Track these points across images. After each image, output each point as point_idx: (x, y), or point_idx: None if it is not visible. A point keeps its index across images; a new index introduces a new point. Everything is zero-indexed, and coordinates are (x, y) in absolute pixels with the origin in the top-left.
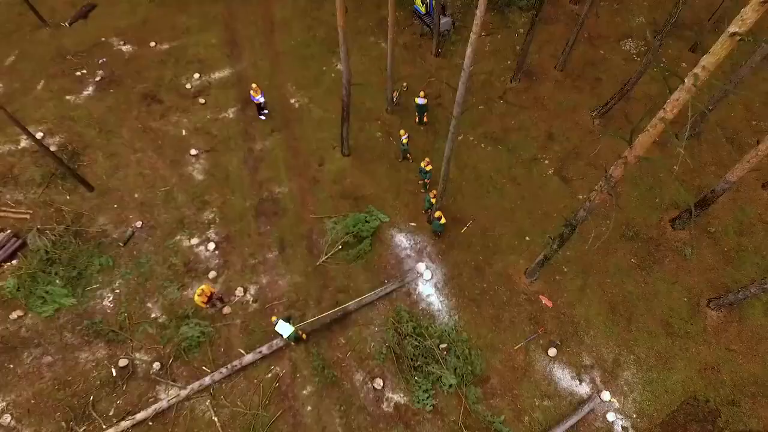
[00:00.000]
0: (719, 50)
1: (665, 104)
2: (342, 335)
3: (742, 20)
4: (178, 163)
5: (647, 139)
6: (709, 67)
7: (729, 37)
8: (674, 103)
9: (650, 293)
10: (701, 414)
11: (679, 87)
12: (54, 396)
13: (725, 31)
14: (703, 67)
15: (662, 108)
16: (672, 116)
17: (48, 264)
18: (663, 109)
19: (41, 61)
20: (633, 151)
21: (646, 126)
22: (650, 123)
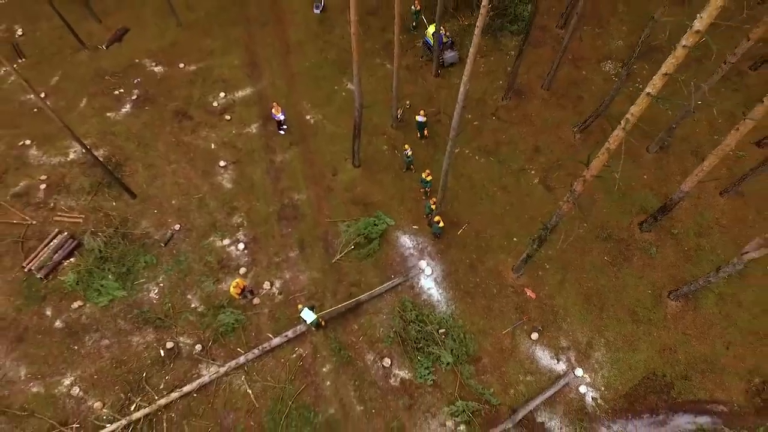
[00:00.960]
0: (640, 106)
1: (609, 138)
2: (355, 322)
3: (653, 85)
4: (208, 173)
5: (598, 164)
6: (636, 115)
7: (646, 96)
8: (615, 137)
9: (620, 286)
10: (658, 387)
11: (617, 127)
12: (113, 372)
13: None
14: (632, 114)
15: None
16: (614, 148)
17: (101, 261)
18: (607, 142)
19: (82, 81)
20: (590, 171)
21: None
22: (600, 151)
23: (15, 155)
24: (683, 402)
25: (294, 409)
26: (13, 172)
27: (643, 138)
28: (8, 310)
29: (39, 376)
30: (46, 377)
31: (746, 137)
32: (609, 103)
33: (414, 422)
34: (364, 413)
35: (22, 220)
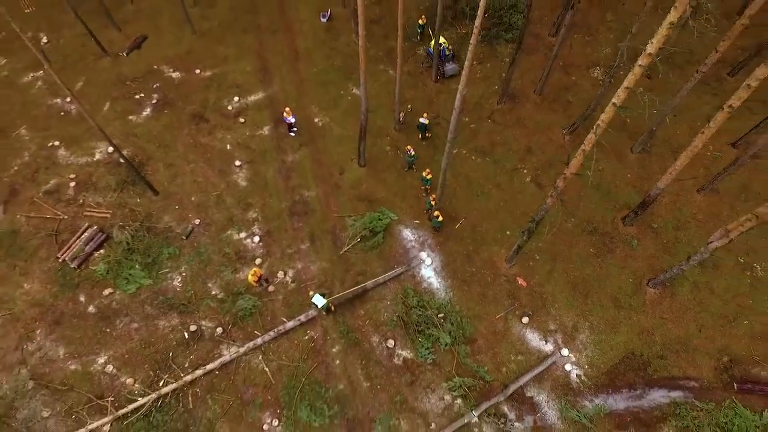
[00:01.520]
0: (608, 114)
1: (584, 140)
2: (362, 308)
3: (618, 96)
4: (225, 172)
5: (576, 163)
6: (605, 121)
7: (611, 106)
8: (589, 140)
9: (603, 275)
10: (636, 365)
11: (591, 132)
12: (142, 352)
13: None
14: (602, 121)
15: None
16: (588, 149)
17: (129, 253)
18: (583, 144)
19: (105, 86)
20: (569, 170)
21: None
22: (576, 152)
23: (45, 155)
24: (658, 378)
25: (307, 385)
26: (44, 171)
27: (628, 140)
28: (46, 297)
29: (76, 355)
30: (82, 356)
31: (724, 139)
32: (595, 107)
33: (415, 396)
34: (371, 389)
35: (54, 215)
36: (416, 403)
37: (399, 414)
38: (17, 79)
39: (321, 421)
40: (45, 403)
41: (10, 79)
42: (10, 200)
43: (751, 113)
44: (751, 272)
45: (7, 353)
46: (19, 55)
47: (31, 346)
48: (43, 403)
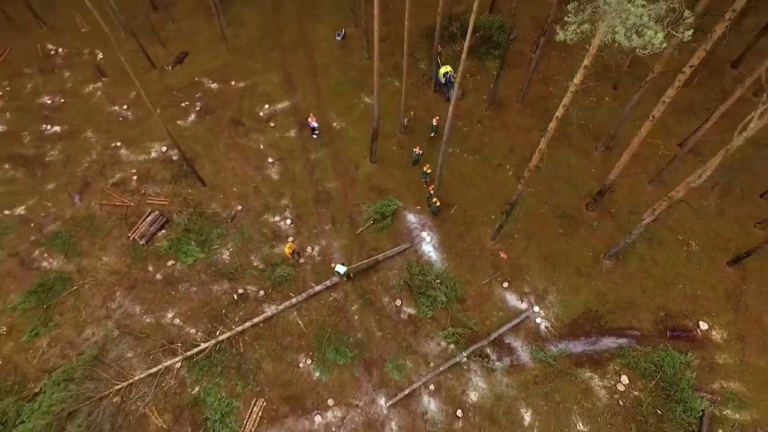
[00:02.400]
0: (554, 124)
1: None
2: (374, 275)
3: (560, 112)
4: (260, 167)
5: (535, 159)
6: (553, 129)
7: (555, 119)
8: (543, 142)
9: (569, 250)
10: (592, 319)
11: (542, 137)
12: (201, 310)
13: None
14: (550, 128)
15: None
16: (544, 148)
17: (186, 232)
18: (539, 145)
19: (155, 95)
20: (532, 163)
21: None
22: (534, 152)
23: (109, 154)
24: (609, 329)
25: (332, 334)
26: (110, 167)
27: (594, 141)
28: (122, 267)
29: (149, 311)
30: (155, 312)
31: (673, 141)
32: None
33: (417, 342)
34: (383, 337)
35: (122, 203)
36: (418, 348)
37: (405, 356)
38: (80, 90)
39: (344, 361)
40: (129, 347)
41: (75, 89)
42: (84, 191)
43: (697, 119)
44: (687, 247)
45: (95, 310)
46: (80, 69)
47: (113, 305)
48: (128, 346)
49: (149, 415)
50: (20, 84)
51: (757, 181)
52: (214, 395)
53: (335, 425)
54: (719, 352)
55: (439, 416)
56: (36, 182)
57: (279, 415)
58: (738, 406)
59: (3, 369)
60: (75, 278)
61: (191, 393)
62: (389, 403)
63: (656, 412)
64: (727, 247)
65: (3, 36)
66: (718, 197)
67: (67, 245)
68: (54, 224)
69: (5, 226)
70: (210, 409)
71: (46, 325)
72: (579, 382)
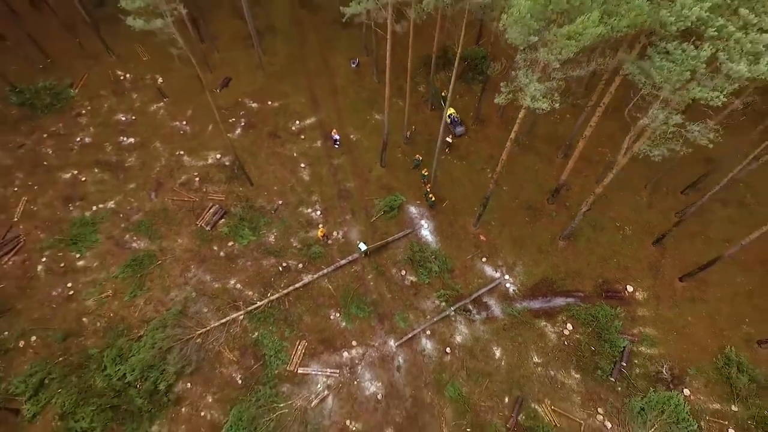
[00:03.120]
0: (507, 150)
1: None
2: (385, 253)
3: (514, 134)
4: (294, 171)
5: (499, 166)
6: (509, 147)
7: (509, 141)
8: (504, 153)
9: (533, 234)
10: (548, 284)
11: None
12: (255, 278)
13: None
14: (507, 146)
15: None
16: (505, 159)
17: (240, 221)
18: (502, 156)
19: (207, 113)
20: (497, 169)
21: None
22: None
23: (175, 160)
24: (560, 291)
25: (354, 296)
26: (177, 171)
27: (556, 149)
28: (193, 247)
29: (216, 279)
30: (221, 279)
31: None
32: (531, 128)
33: (417, 301)
34: (392, 298)
35: (189, 199)
36: (418, 305)
37: (408, 310)
38: (147, 109)
39: (363, 314)
40: (204, 304)
41: (142, 108)
42: (158, 189)
43: None
44: (623, 232)
45: (175, 278)
46: (145, 91)
47: (189, 274)
48: (203, 304)
49: (223, 352)
50: (99, 104)
51: (680, 181)
52: (269, 338)
53: (358, 359)
54: (640, 307)
55: (433, 352)
56: (120, 183)
57: (316, 352)
58: (650, 344)
59: (113, 320)
60: (158, 255)
61: (252, 337)
62: (397, 344)
63: (591, 349)
64: (653, 232)
65: (81, 64)
66: (649, 193)
67: (149, 231)
68: (138, 215)
69: (101, 216)
70: (266, 348)
71: (141, 289)
72: (536, 329)
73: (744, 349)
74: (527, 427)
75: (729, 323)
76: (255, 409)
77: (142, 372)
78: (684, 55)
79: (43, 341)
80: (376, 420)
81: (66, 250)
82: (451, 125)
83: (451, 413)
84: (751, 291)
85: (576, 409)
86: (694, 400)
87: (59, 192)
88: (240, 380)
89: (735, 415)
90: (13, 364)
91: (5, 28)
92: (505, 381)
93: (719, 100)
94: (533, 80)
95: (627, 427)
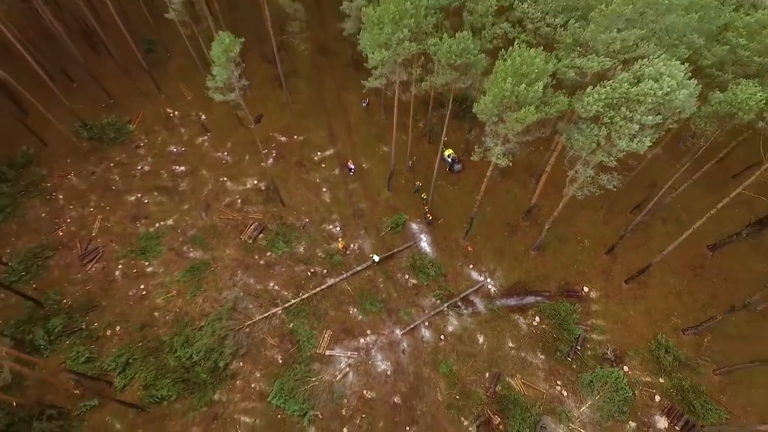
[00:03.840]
0: (487, 181)
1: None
2: (392, 261)
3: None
4: (317, 194)
5: (480, 194)
6: (488, 176)
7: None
8: (486, 179)
9: (511, 246)
10: (522, 285)
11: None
12: (289, 281)
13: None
14: (486, 176)
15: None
16: (484, 188)
17: (276, 235)
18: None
19: (244, 145)
20: (480, 193)
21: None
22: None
23: (219, 185)
24: (531, 291)
25: (368, 295)
26: (221, 194)
27: (530, 176)
28: (239, 256)
29: (258, 282)
30: (262, 282)
31: None
32: None
33: (418, 299)
34: (398, 296)
35: (233, 217)
36: (418, 302)
37: (410, 306)
38: (193, 141)
39: (376, 309)
40: (250, 302)
41: (190, 141)
42: (207, 210)
43: None
44: (582, 244)
45: (226, 281)
46: (191, 127)
47: (236, 278)
48: (249, 301)
49: (266, 338)
50: (153, 138)
51: (630, 202)
52: (302, 328)
53: (371, 343)
54: (593, 304)
55: (430, 339)
56: (176, 204)
57: (339, 339)
58: (599, 332)
59: (179, 314)
60: (211, 263)
61: (288, 327)
62: (402, 332)
63: (553, 336)
64: (606, 243)
65: (136, 102)
66: (604, 212)
67: (203, 243)
68: (192, 230)
69: (162, 231)
70: (300, 335)
71: (199, 290)
72: (511, 321)
73: (672, 336)
74: (502, 395)
75: (661, 316)
76: (293, 381)
77: (205, 353)
78: (590, 132)
79: (125, 330)
80: (386, 390)
81: (137, 258)
82: (450, 164)
83: (444, 385)
84: (680, 291)
85: (540, 381)
86: (631, 374)
87: (127, 212)
88: (280, 360)
89: (661, 385)
90: (104, 348)
91: (72, 70)
92: (486, 360)
93: (613, 162)
94: (498, 144)
95: (579, 394)
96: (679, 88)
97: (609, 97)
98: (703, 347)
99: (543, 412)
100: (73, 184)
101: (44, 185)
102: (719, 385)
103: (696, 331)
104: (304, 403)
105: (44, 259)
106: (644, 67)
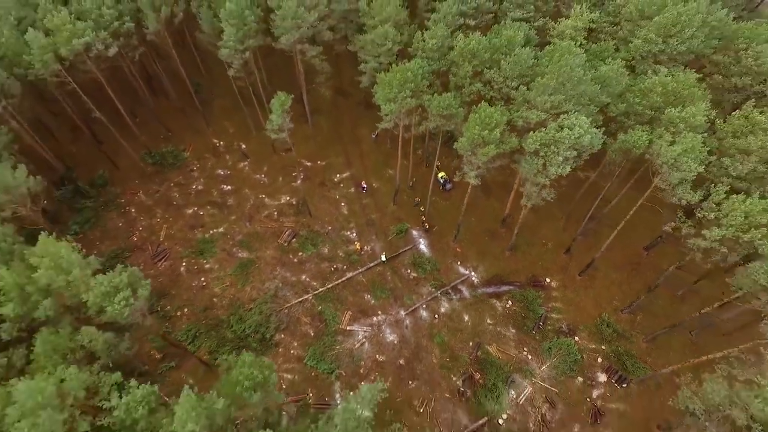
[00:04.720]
0: (469, 194)
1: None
2: (397, 260)
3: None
4: (337, 208)
5: (464, 206)
6: (469, 192)
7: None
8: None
9: (491, 248)
10: (499, 276)
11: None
12: (317, 275)
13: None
14: (468, 194)
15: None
16: (465, 204)
17: (305, 239)
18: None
19: (277, 168)
20: (463, 207)
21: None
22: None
23: (259, 200)
24: (505, 282)
25: (378, 285)
26: (261, 207)
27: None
28: (277, 255)
29: (293, 275)
30: (296, 275)
31: None
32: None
33: (418, 288)
34: (402, 286)
35: (271, 226)
36: (418, 290)
37: (412, 294)
38: (236, 166)
39: (385, 296)
40: (287, 290)
41: (234, 166)
42: (251, 220)
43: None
44: (546, 246)
45: (268, 275)
46: (234, 154)
47: (275, 272)
48: (287, 290)
49: (301, 318)
50: (204, 164)
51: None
52: (328, 310)
53: (382, 321)
54: (553, 291)
55: (427, 318)
56: (225, 215)
57: (357, 318)
58: (557, 312)
59: (233, 299)
60: (255, 261)
61: (318, 309)
62: (405, 313)
63: (522, 315)
64: (565, 245)
65: (188, 134)
66: (564, 221)
67: (248, 246)
68: (239, 236)
69: (216, 237)
70: (327, 315)
71: (247, 281)
72: (490, 304)
73: (612, 314)
74: (482, 358)
75: (605, 300)
76: (323, 349)
77: (255, 328)
78: (533, 162)
79: (191, 312)
80: (394, 355)
81: (197, 258)
82: (443, 184)
83: (438, 351)
84: (621, 281)
85: (512, 349)
86: (580, 343)
87: (186, 222)
88: (312, 333)
89: (603, 350)
90: (176, 325)
91: (136, 108)
92: (470, 333)
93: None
94: (472, 170)
95: (540, 358)
96: (585, 134)
97: (544, 138)
98: (636, 323)
99: (513, 370)
100: (141, 200)
101: (119, 201)
102: (646, 350)
103: (630, 310)
104: (332, 364)
105: (124, 259)
106: (565, 119)
